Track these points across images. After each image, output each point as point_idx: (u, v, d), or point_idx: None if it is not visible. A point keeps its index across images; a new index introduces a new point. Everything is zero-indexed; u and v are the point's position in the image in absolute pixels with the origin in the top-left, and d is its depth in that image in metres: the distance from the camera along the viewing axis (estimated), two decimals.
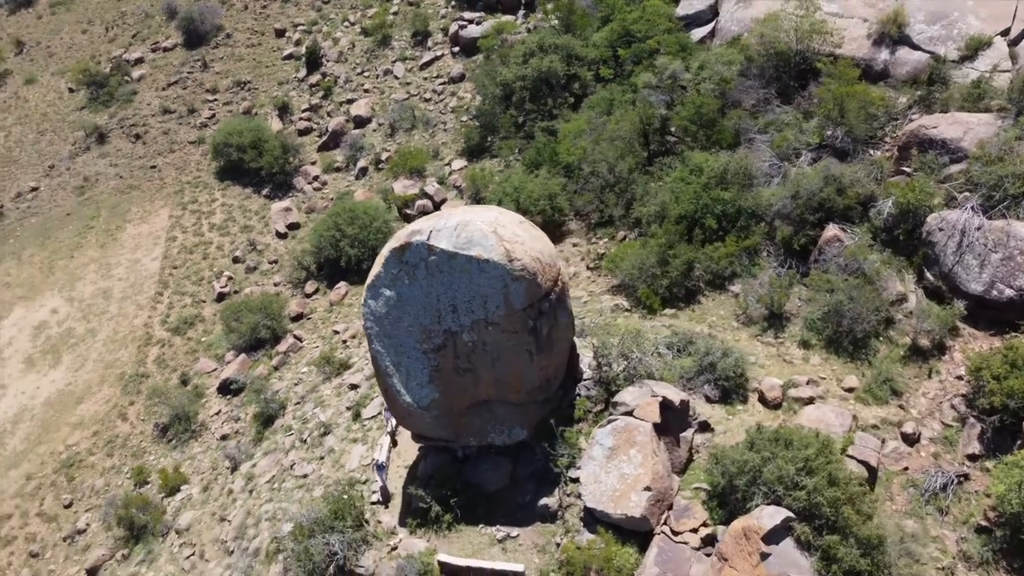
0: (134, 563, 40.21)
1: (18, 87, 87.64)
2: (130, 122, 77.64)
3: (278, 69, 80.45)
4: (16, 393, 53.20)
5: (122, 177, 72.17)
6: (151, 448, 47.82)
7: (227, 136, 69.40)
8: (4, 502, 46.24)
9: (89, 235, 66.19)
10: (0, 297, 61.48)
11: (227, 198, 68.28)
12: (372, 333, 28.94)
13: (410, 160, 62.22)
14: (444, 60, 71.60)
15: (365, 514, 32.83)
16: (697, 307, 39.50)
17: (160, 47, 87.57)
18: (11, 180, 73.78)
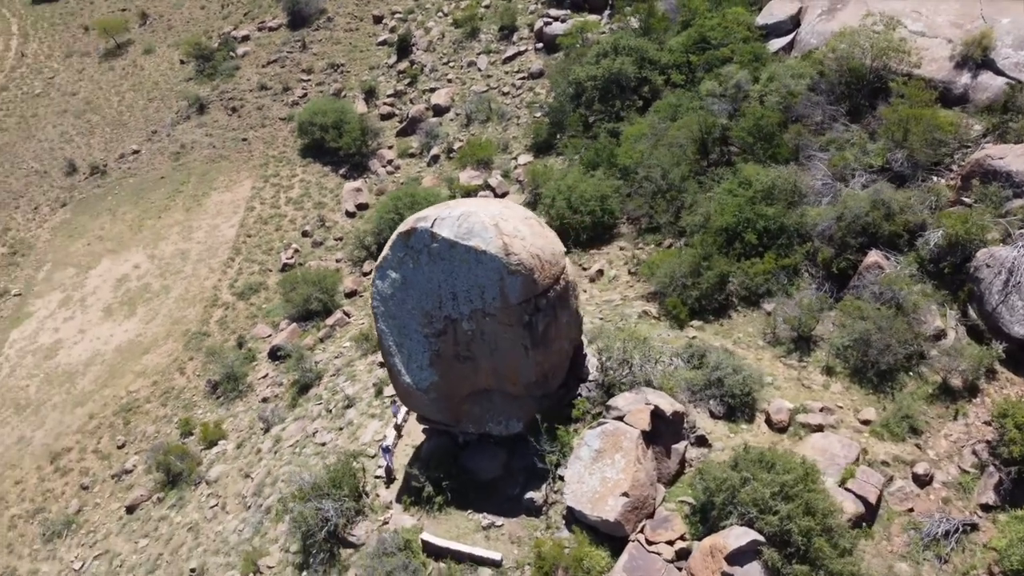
0: (166, 506, 42.91)
1: (137, 56, 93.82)
2: (229, 95, 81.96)
3: (371, 54, 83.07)
4: (93, 338, 57.41)
5: (215, 147, 76.34)
6: (201, 403, 50.73)
7: (312, 115, 72.39)
8: (67, 436, 50.11)
9: (178, 199, 70.44)
10: (92, 249, 66.32)
11: (306, 174, 71.24)
12: (378, 312, 30.00)
13: (478, 151, 63.23)
14: (527, 55, 72.25)
15: (366, 487, 34.05)
16: (726, 322, 38.78)
17: (266, 26, 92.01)
18: (118, 142, 79.22)
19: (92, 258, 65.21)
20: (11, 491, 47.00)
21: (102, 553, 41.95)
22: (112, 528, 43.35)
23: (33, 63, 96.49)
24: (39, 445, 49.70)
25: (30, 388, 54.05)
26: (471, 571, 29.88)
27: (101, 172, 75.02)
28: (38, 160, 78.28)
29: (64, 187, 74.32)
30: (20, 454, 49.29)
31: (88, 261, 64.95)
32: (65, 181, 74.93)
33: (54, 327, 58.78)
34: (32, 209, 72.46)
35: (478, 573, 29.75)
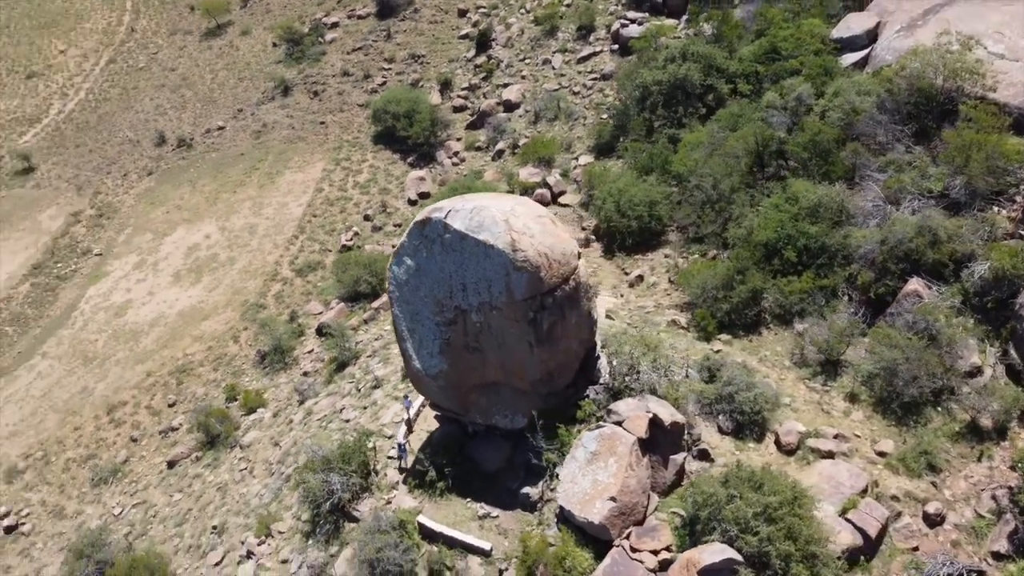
0: (202, 465, 45.19)
1: (234, 37, 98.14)
2: (313, 79, 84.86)
3: (452, 47, 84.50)
4: (159, 301, 60.73)
5: (294, 128, 79.25)
6: (249, 371, 53.05)
7: (387, 103, 74.32)
8: (125, 390, 53.25)
9: (253, 175, 73.52)
10: (170, 217, 70.02)
11: (376, 160, 73.18)
12: (393, 297, 30.87)
13: (541, 149, 63.60)
14: (601, 56, 72.12)
15: (376, 465, 35.08)
16: (756, 338, 38.07)
17: (355, 14, 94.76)
18: (206, 118, 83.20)
19: (169, 226, 68.85)
20: (69, 436, 50.34)
21: (140, 503, 44.52)
22: (152, 480, 45.92)
23: (141, 38, 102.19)
24: (99, 396, 53.02)
25: (98, 342, 57.67)
26: (461, 557, 30.47)
27: (187, 145, 78.96)
28: (133, 130, 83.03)
29: (152, 157, 78.61)
30: (82, 402, 52.70)
31: (165, 228, 68.62)
32: (154, 151, 79.25)
33: (127, 287, 62.44)
34: (122, 176, 76.97)
35: (468, 560, 30.31)
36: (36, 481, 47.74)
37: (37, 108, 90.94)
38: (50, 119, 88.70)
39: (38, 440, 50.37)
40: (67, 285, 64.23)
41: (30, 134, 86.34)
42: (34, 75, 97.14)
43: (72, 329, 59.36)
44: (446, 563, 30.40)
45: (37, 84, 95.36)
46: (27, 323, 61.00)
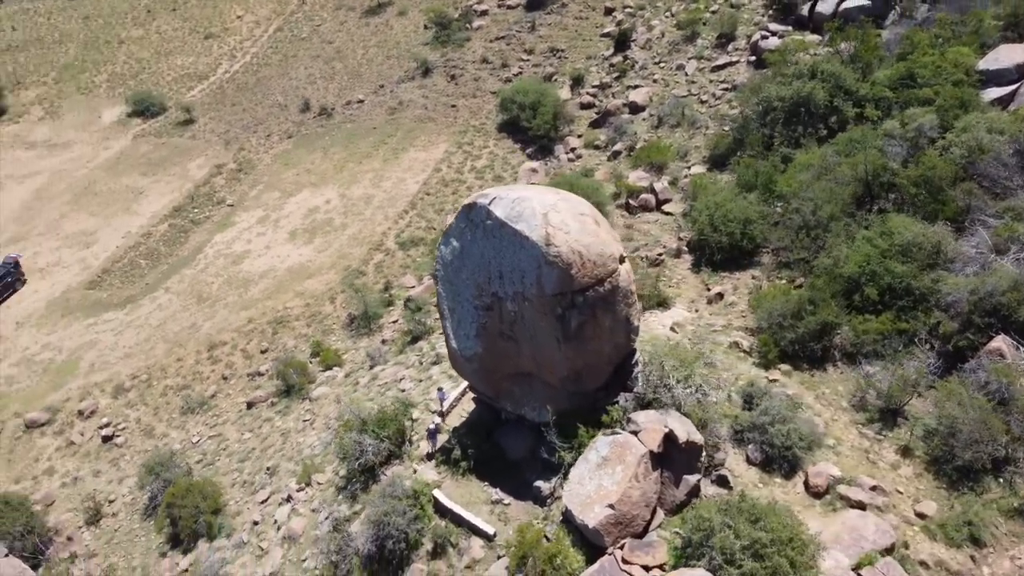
0: (275, 410, 48.22)
1: (391, 16, 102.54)
2: (453, 63, 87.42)
3: (592, 44, 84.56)
4: (274, 255, 64.95)
5: (426, 108, 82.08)
6: (337, 331, 55.90)
7: (515, 93, 75.58)
8: (227, 332, 57.51)
9: (380, 149, 76.91)
10: (299, 179, 74.54)
11: (497, 148, 74.64)
12: (439, 276, 31.80)
13: (654, 154, 62.76)
14: (736, 67, 70.01)
15: (412, 436, 36.30)
16: (818, 373, 36.17)
17: (505, 4, 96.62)
18: (349, 90, 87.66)
19: (296, 187, 73.32)
20: (171, 365, 55.02)
21: (216, 435, 48.13)
22: (231, 417, 49.48)
23: (309, 10, 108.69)
24: (204, 334, 57.55)
25: (213, 285, 62.49)
26: (466, 537, 31.15)
27: (327, 114, 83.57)
28: (283, 95, 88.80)
29: (295, 122, 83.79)
30: (188, 337, 57.41)
31: (292, 189, 73.15)
32: (297, 117, 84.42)
33: (247, 239, 67.19)
34: (265, 136, 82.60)
35: (471, 541, 30.95)
36: (136, 401, 52.57)
37: (207, 66, 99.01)
38: (216, 77, 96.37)
39: (146, 365, 55.39)
40: (198, 230, 69.91)
41: (197, 89, 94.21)
42: (211, 36, 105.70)
43: (194, 270, 64.64)
44: (451, 540, 31.19)
45: (212, 45, 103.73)
46: (159, 259, 66.99)
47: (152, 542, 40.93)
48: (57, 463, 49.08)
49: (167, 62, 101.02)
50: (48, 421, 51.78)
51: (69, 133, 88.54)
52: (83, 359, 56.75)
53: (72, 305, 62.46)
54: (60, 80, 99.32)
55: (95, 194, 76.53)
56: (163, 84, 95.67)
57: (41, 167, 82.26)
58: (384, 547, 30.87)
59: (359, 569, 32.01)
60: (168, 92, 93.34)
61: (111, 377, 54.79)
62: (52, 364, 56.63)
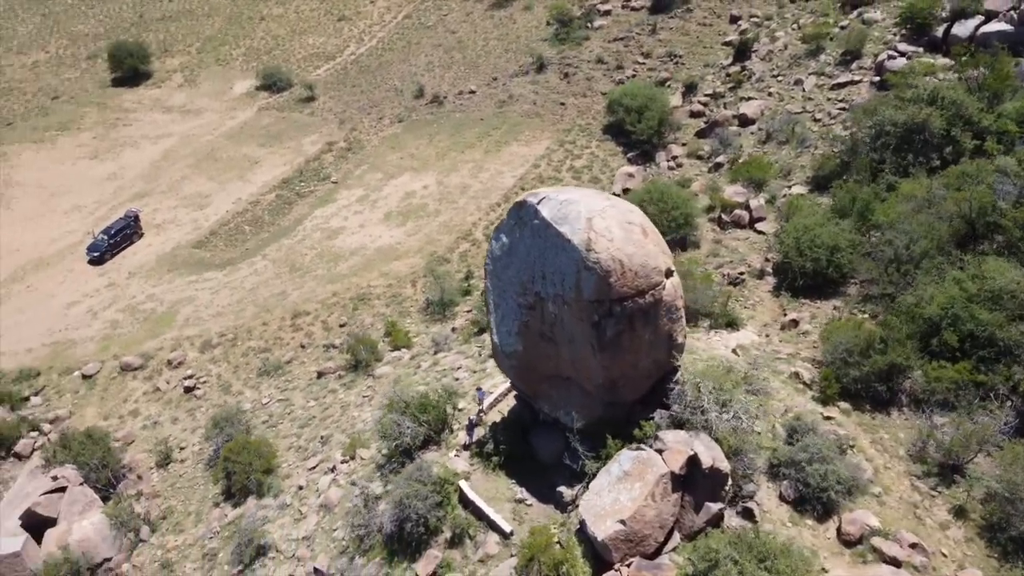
0: (340, 383, 49.85)
1: (517, 10, 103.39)
2: (568, 61, 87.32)
3: (711, 52, 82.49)
4: (366, 234, 67.04)
5: (535, 104, 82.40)
6: (412, 314, 57.17)
7: (623, 95, 74.75)
8: (311, 303, 59.86)
9: (484, 141, 77.83)
10: (402, 163, 76.52)
11: (598, 150, 74.11)
12: (488, 269, 31.96)
13: (755, 170, 60.62)
14: (858, 87, 66.53)
15: (453, 424, 36.74)
16: (880, 416, 34.08)
17: (629, 5, 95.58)
18: (463, 80, 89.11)
19: (398, 170, 75.31)
20: (256, 328, 57.82)
21: (284, 400, 50.26)
22: (300, 384, 51.54)
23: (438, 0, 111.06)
24: (291, 302, 60.13)
25: (307, 257, 65.15)
26: (483, 531, 31.29)
27: (439, 102, 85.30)
28: (401, 80, 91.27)
29: (407, 107, 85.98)
30: (276, 304, 60.14)
31: (394, 171, 75.18)
32: (410, 102, 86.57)
33: (344, 216, 69.60)
34: (377, 118, 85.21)
35: (488, 535, 31.05)
36: (220, 357, 55.60)
37: (336, 48, 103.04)
38: (342, 59, 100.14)
39: (234, 325, 58.45)
40: (301, 202, 73.00)
41: (323, 69, 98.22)
42: (344, 19, 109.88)
43: (292, 240, 67.59)
44: (469, 532, 31.41)
45: (343, 27, 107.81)
46: (262, 226, 70.44)
47: (209, 491, 43.25)
48: (142, 406, 52.59)
49: (300, 41, 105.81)
50: (141, 366, 55.54)
51: (202, 101, 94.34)
52: (180, 313, 60.50)
53: (178, 261, 66.66)
54: (202, 51, 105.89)
55: (215, 160, 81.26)
56: (292, 61, 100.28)
57: (173, 130, 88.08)
58: (403, 528, 31.42)
59: (380, 546, 32.75)
60: (296, 69, 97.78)
61: (202, 333, 58.13)
62: (153, 314, 60.67)
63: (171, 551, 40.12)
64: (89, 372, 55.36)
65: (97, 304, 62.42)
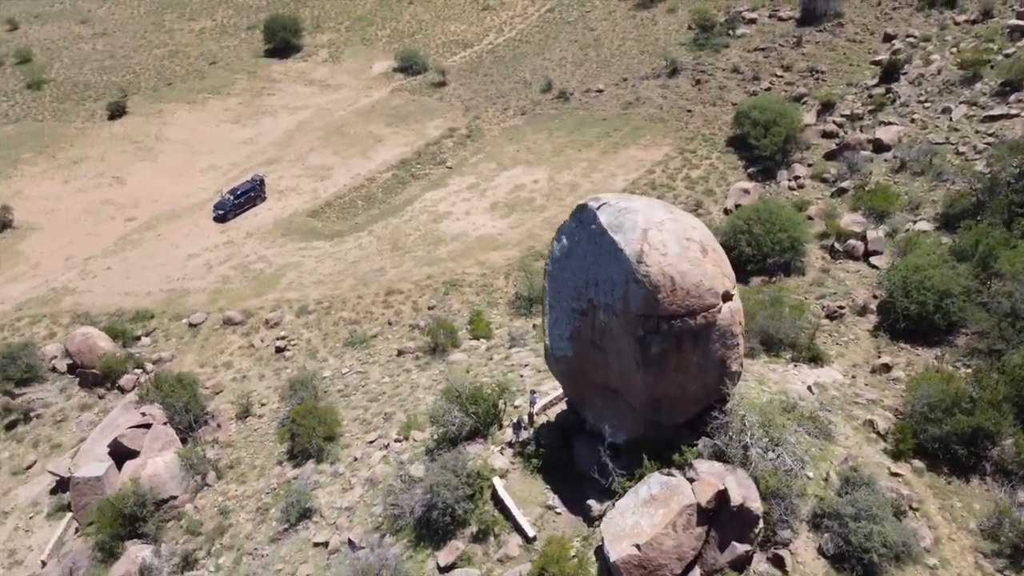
0: (416, 364, 50.72)
1: (660, 13, 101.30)
2: (702, 68, 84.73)
3: (857, 70, 77.87)
4: (470, 222, 67.80)
5: (661, 108, 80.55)
6: (500, 306, 57.41)
7: (751, 108, 71.78)
8: (406, 282, 61.20)
9: (602, 141, 76.89)
10: (517, 155, 76.81)
11: (718, 162, 71.60)
12: (547, 270, 31.54)
13: (878, 200, 56.84)
14: (1013, 121, 60.94)
15: (503, 420, 36.60)
16: (957, 482, 31.13)
17: (777, 15, 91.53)
18: (593, 78, 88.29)
19: (512, 162, 75.67)
20: (351, 300, 59.77)
21: (362, 372, 51.72)
22: (380, 360, 52.87)
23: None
24: (387, 279, 61.76)
25: (410, 237, 66.68)
26: (508, 531, 31.02)
27: (565, 98, 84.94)
28: (531, 73, 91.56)
29: (532, 100, 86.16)
30: (373, 279, 61.93)
31: (508, 163, 75.60)
32: (536, 96, 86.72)
33: (452, 202, 70.68)
34: (502, 109, 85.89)
35: (512, 536, 30.77)
36: (313, 323, 57.90)
37: (475, 36, 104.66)
38: (479, 47, 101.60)
39: (331, 294, 60.69)
40: (414, 184, 74.72)
41: (458, 56, 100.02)
42: (488, 8, 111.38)
43: (399, 220, 69.34)
44: (494, 529, 31.22)
45: (485, 17, 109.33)
46: (373, 203, 72.68)
47: (275, 449, 45.16)
48: (235, 359, 55.58)
49: (442, 27, 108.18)
50: (241, 322, 58.67)
51: (342, 77, 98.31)
52: (285, 276, 63.42)
53: (292, 228, 69.88)
54: (350, 29, 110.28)
55: (343, 135, 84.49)
56: (432, 46, 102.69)
57: (310, 103, 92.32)
58: (431, 515, 31.61)
59: (411, 528, 33.13)
60: (433, 54, 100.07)
61: (301, 298, 60.71)
62: (261, 274, 63.94)
63: (231, 499, 42.22)
64: (195, 321, 59.06)
65: (214, 259, 66.47)
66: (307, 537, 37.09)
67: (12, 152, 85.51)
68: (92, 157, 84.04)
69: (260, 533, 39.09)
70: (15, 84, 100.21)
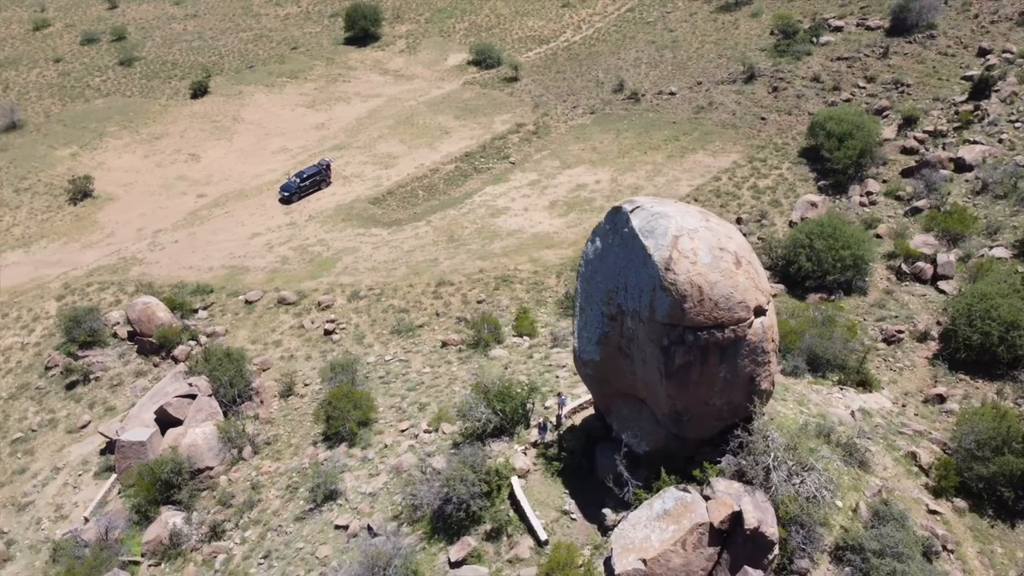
0: (458, 357, 50.69)
1: (743, 16, 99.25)
2: (780, 75, 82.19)
3: (945, 85, 74.44)
4: (527, 219, 67.43)
5: (734, 115, 78.48)
6: (548, 304, 56.84)
7: (827, 119, 69.18)
8: (458, 274, 61.26)
9: (669, 145, 75.40)
10: (581, 154, 76.03)
11: (788, 172, 69.34)
12: (580, 271, 30.88)
13: (953, 221, 54.07)
14: None
15: (531, 420, 36.19)
16: (999, 526, 29.27)
17: (865, 24, 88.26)
18: (667, 80, 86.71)
19: (576, 161, 74.95)
20: (402, 288, 60.18)
21: (404, 361, 52.02)
22: (424, 350, 53.07)
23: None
24: (440, 270, 61.94)
25: (466, 230, 66.77)
26: (521, 533, 30.61)
27: (636, 99, 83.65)
28: (604, 72, 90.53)
29: (603, 100, 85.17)
30: (426, 269, 62.24)
31: (572, 162, 74.93)
32: (607, 95, 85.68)
33: (512, 197, 70.47)
34: (571, 107, 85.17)
35: (524, 538, 30.37)
36: (363, 309, 58.56)
37: (552, 33, 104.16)
38: (555, 44, 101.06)
39: (384, 281, 61.25)
40: (476, 177, 74.81)
41: (534, 52, 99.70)
42: (568, 5, 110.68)
43: (457, 212, 69.53)
44: (507, 529, 30.87)
45: (565, 14, 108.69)
46: (434, 194, 73.09)
47: (312, 430, 45.82)
48: (286, 338, 56.70)
49: (520, 22, 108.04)
50: (294, 302, 59.80)
51: (416, 68, 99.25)
52: (341, 261, 64.36)
53: (353, 214, 70.89)
54: (430, 21, 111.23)
55: (412, 125, 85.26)
56: (508, 41, 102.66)
57: (383, 92, 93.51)
58: (445, 509, 31.47)
59: (427, 520, 33.08)
60: (509, 49, 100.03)
61: (354, 283, 61.49)
62: (318, 257, 65.05)
63: (263, 475, 43.04)
64: (251, 298, 60.49)
65: (275, 239, 67.98)
66: (330, 519, 37.47)
67: (100, 125, 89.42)
68: (172, 134, 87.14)
69: (287, 511, 39.72)
70: (109, 60, 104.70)
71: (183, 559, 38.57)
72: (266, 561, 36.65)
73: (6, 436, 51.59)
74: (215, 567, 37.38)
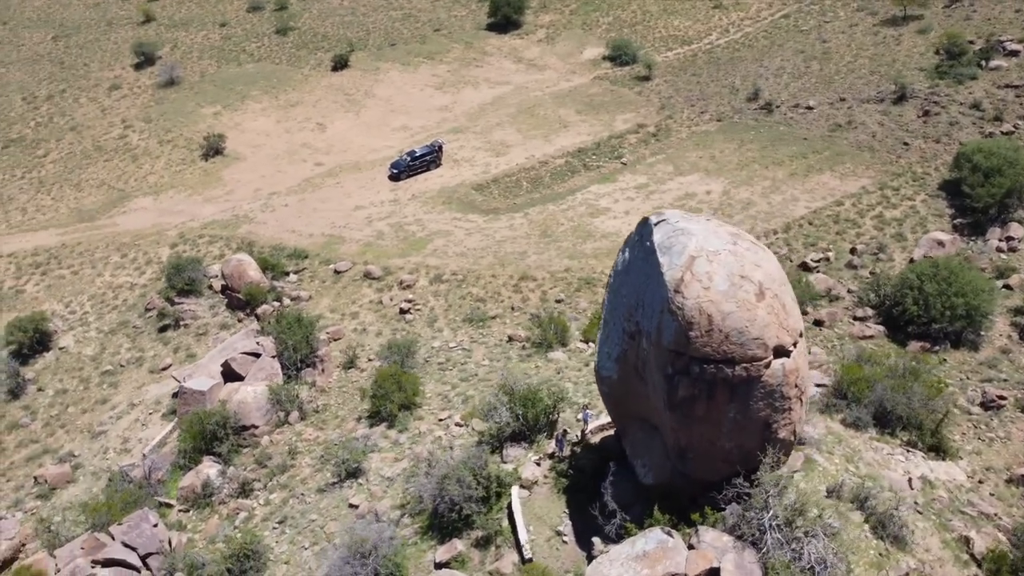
0: (518, 354, 49.63)
1: (909, 32, 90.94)
2: (936, 99, 74.79)
3: None
4: (626, 222, 64.38)
5: (874, 136, 72.29)
6: None
7: (976, 151, 62.26)
8: (542, 270, 59.90)
9: (796, 162, 70.44)
10: (698, 162, 72.47)
11: (922, 205, 63.11)
12: (609, 282, 28.95)
13: None
14: None
15: (557, 426, 34.71)
16: None
17: None
18: (806, 93, 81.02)
19: (690, 168, 71.54)
20: (485, 277, 59.55)
21: (467, 350, 51.47)
22: (490, 342, 52.23)
23: (828, 4, 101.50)
24: (526, 264, 60.86)
25: (561, 226, 65.29)
26: (508, 545, 29.27)
27: (768, 110, 78.81)
28: (741, 79, 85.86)
29: (734, 108, 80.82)
30: (512, 261, 61.34)
31: (686, 169, 71.56)
32: (739, 103, 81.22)
33: (614, 199, 68.21)
34: (698, 112, 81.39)
35: (510, 553, 29.05)
36: (442, 293, 58.49)
37: (697, 34, 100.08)
38: (697, 46, 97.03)
39: (469, 268, 60.92)
40: (585, 174, 72.96)
41: (673, 52, 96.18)
42: (720, 7, 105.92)
43: (556, 207, 68.11)
44: (496, 540, 29.59)
45: (714, 15, 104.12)
46: (538, 187, 71.97)
47: (360, 405, 46.18)
48: (363, 312, 57.60)
49: (666, 20, 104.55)
50: (379, 278, 60.65)
51: (550, 59, 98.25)
52: (433, 242, 64.64)
53: (454, 198, 71.05)
54: (575, 12, 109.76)
55: (532, 116, 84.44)
56: (649, 39, 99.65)
57: (512, 80, 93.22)
58: (438, 509, 30.57)
59: (427, 516, 32.33)
60: (648, 47, 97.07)
61: (440, 266, 61.59)
62: (411, 236, 65.68)
63: (303, 441, 43.79)
64: (340, 268, 61.91)
65: (375, 214, 69.27)
66: (347, 496, 37.55)
67: (245, 88, 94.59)
68: (307, 102, 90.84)
69: (313, 480, 40.18)
70: (267, 28, 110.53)
71: (211, 510, 39.86)
72: (280, 527, 37.20)
73: (99, 367, 55.50)
74: (235, 523, 38.33)
